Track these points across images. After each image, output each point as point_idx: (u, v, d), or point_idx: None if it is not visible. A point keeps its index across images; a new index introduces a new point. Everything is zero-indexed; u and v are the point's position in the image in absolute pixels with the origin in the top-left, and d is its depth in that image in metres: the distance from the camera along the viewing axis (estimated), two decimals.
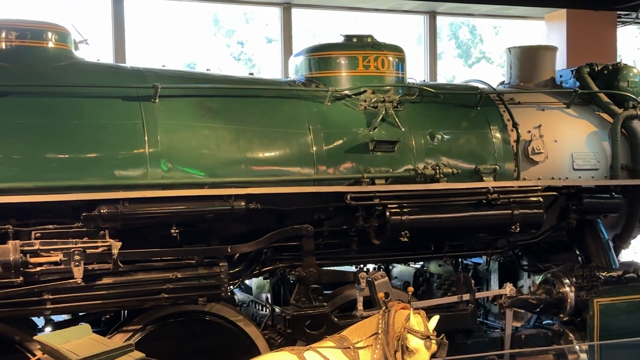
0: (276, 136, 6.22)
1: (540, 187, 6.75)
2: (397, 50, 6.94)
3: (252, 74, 7.09)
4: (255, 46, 14.43)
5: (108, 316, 6.15)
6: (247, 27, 14.44)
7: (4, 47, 5.76)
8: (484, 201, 6.47)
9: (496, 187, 6.55)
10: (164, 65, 6.58)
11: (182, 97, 6.06)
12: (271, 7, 11.88)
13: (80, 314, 5.94)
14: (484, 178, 6.69)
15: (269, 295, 6.73)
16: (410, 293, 5.48)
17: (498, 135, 6.96)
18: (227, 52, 14.65)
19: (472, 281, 6.68)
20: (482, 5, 12.26)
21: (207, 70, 6.73)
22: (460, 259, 7.43)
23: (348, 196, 6.07)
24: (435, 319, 4.87)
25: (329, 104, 6.51)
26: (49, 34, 5.92)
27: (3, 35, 5.75)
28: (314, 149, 6.26)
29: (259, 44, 14.30)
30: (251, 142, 6.11)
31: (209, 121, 6.04)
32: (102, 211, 5.37)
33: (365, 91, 6.65)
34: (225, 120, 6.10)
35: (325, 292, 6.51)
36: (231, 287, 6.03)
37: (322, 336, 5.45)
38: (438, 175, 6.42)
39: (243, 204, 5.76)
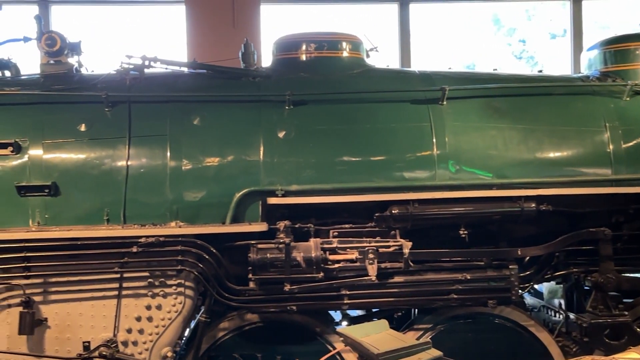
0: (568, 135, 5.95)
1: None
2: None
3: (540, 71, 6.83)
4: (537, 43, 13.96)
5: (400, 314, 6.32)
6: (529, 25, 14.03)
7: (304, 58, 6.24)
8: None
9: None
10: (450, 68, 6.63)
11: (468, 99, 6.04)
12: (558, 1, 11.38)
13: (374, 310, 6.20)
14: None
15: (562, 301, 6.43)
16: None
17: None
18: (508, 51, 14.36)
19: None
20: None
21: (494, 70, 6.63)
22: None
23: None
24: None
25: (628, 99, 6.08)
26: (344, 44, 6.27)
27: (303, 47, 6.24)
28: (611, 147, 5.88)
29: (542, 41, 13.81)
30: (541, 142, 5.90)
31: (496, 121, 5.95)
32: (393, 212, 5.56)
33: None
34: (513, 120, 5.97)
35: (624, 300, 6.07)
36: (522, 290, 5.86)
37: (624, 347, 5.09)
38: None
39: (533, 205, 5.61)
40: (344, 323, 6.29)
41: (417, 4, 10.95)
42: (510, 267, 5.70)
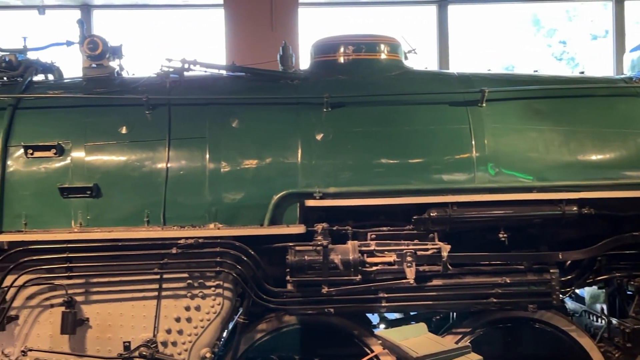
0: (611, 137, 5.85)
1: None
2: None
3: (582, 72, 6.73)
4: (578, 44, 13.77)
5: (438, 317, 6.28)
6: (569, 25, 13.84)
7: (342, 61, 6.24)
8: None
9: None
10: (489, 70, 6.57)
11: (508, 100, 5.98)
12: (599, 2, 11.21)
13: (412, 313, 6.17)
14: None
15: (604, 306, 6.32)
16: None
17: None
18: (548, 52, 14.20)
19: None
20: None
21: (534, 71, 6.55)
22: None
23: None
24: None
25: None
26: (382, 46, 6.26)
27: (341, 50, 6.24)
28: None
29: (583, 42, 13.63)
30: (583, 144, 5.82)
31: (537, 123, 5.87)
32: (431, 214, 5.53)
33: None
34: (554, 122, 5.89)
35: None
36: (563, 295, 5.78)
37: None
38: None
39: (575, 208, 5.54)
40: (382, 326, 6.26)
41: (456, 5, 10.90)
42: (551, 271, 5.64)
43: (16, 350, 5.49)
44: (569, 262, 5.86)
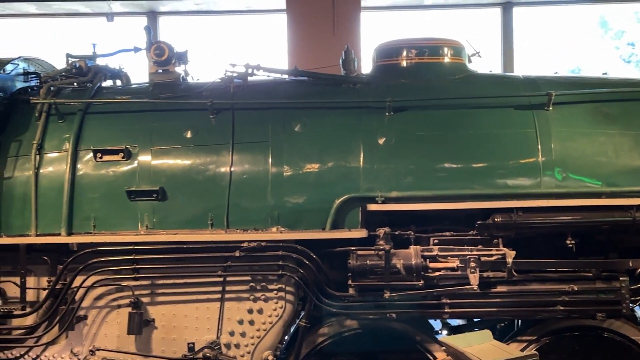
0: None
1: None
2: None
3: None
4: None
5: (503, 324, 6.17)
6: (638, 27, 13.47)
7: (405, 64, 6.19)
8: None
9: None
10: (556, 72, 6.44)
11: (576, 104, 5.84)
12: None
13: (475, 320, 6.08)
14: None
15: None
16: None
17: None
18: (616, 54, 13.84)
19: None
20: None
21: (603, 74, 6.38)
22: None
23: None
24: None
25: None
26: (445, 50, 6.19)
27: (404, 54, 6.19)
28: None
29: None
30: None
31: (606, 127, 5.72)
32: (496, 220, 5.44)
33: None
34: (624, 126, 5.72)
35: None
36: (633, 304, 5.60)
37: None
38: None
39: None
40: (444, 332, 6.20)
41: (521, 7, 10.72)
42: (620, 279, 5.49)
43: (84, 350, 5.63)
44: None
